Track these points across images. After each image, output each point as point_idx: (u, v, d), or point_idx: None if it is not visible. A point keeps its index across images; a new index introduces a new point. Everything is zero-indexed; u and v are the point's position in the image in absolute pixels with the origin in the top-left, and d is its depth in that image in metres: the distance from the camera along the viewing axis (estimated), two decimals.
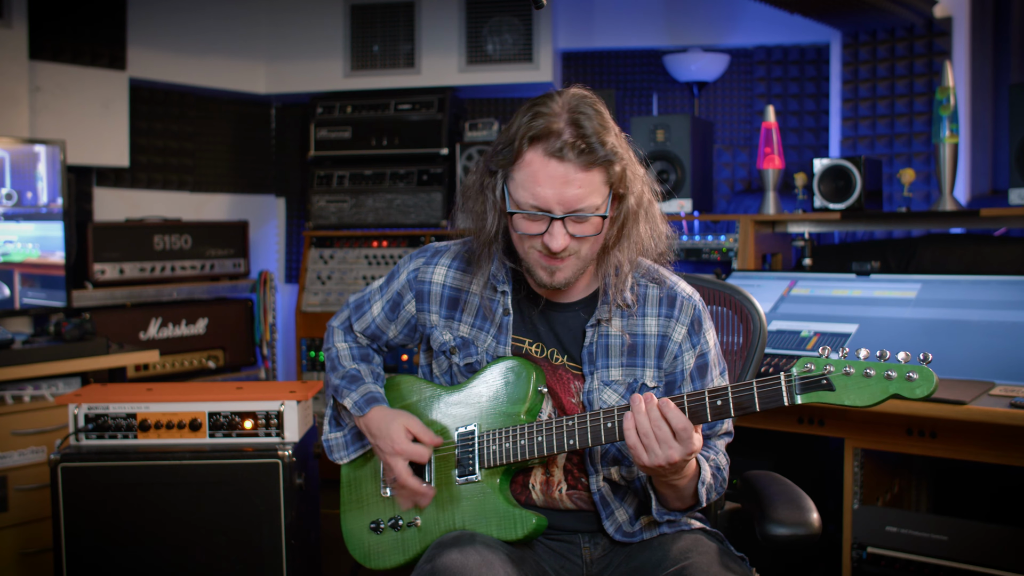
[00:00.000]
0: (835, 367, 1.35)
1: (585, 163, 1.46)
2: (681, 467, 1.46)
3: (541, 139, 1.47)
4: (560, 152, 1.45)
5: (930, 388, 1.30)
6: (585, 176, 1.47)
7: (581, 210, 1.48)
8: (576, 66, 4.33)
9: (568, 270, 1.55)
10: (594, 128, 1.47)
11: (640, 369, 1.63)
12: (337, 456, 1.78)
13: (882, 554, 2.45)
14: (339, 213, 4.26)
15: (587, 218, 1.50)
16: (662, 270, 1.69)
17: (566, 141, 1.45)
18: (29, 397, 2.95)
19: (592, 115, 1.48)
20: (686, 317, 1.64)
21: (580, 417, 1.53)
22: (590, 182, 1.48)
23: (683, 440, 1.42)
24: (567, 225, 1.49)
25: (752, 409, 1.40)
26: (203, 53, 4.29)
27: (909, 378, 1.31)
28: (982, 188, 3.54)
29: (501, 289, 1.67)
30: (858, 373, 1.34)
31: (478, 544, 1.49)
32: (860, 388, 1.34)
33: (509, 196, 1.53)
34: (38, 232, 3.23)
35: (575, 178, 1.47)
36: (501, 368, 1.63)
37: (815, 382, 1.37)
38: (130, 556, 2.26)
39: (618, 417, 1.50)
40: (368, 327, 1.81)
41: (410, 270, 1.75)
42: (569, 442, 1.53)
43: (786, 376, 1.38)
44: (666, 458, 1.42)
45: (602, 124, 1.49)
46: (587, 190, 1.48)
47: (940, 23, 3.42)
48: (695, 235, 3.44)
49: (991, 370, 2.35)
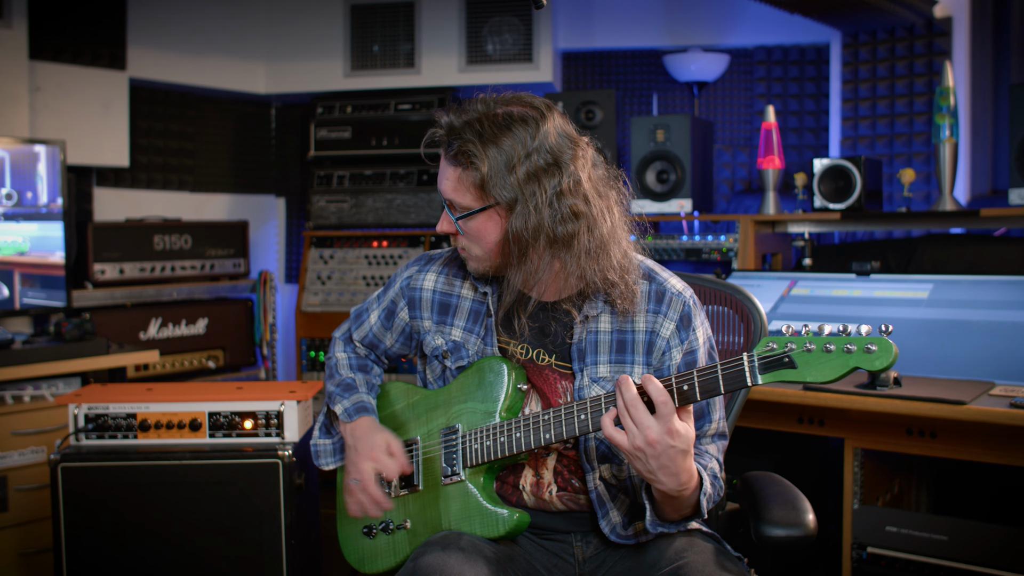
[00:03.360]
0: (796, 344, 1.36)
1: (446, 157, 1.55)
2: (666, 458, 1.40)
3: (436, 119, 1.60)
4: (435, 142, 1.57)
5: (888, 359, 1.30)
6: (451, 170, 1.55)
7: (450, 202, 1.57)
8: (576, 66, 4.33)
9: (471, 261, 1.62)
10: (470, 125, 1.52)
11: (629, 366, 1.62)
12: (323, 462, 1.80)
13: (882, 554, 2.45)
14: (339, 213, 4.26)
15: (451, 208, 1.57)
16: (654, 266, 1.69)
17: (442, 133, 1.55)
18: (29, 397, 2.95)
19: (490, 117, 1.52)
20: (675, 313, 1.63)
21: (555, 411, 1.53)
22: (455, 177, 1.55)
23: (661, 416, 1.38)
24: (453, 214, 1.57)
25: (718, 391, 1.40)
26: (203, 53, 4.29)
27: (868, 350, 1.31)
28: (982, 188, 3.54)
29: (483, 291, 1.67)
30: (819, 349, 1.34)
31: (462, 543, 1.50)
32: (821, 363, 1.34)
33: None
34: (38, 232, 3.23)
35: (445, 168, 1.56)
36: (481, 367, 1.64)
37: (777, 360, 1.37)
38: (130, 556, 2.26)
39: (591, 408, 1.49)
40: (366, 336, 1.83)
41: (403, 278, 1.77)
42: (544, 436, 1.53)
43: (748, 356, 1.38)
44: (644, 438, 1.38)
45: (487, 128, 1.51)
46: (453, 183, 1.55)
47: (940, 23, 3.42)
48: (695, 235, 3.44)
49: (991, 370, 2.35)
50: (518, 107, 1.54)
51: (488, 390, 1.63)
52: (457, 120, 1.53)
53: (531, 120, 1.51)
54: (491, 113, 1.52)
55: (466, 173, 1.52)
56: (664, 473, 1.41)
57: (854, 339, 1.33)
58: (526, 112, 1.52)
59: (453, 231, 1.60)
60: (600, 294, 1.61)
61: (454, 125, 1.53)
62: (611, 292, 1.59)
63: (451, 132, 1.53)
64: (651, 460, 1.40)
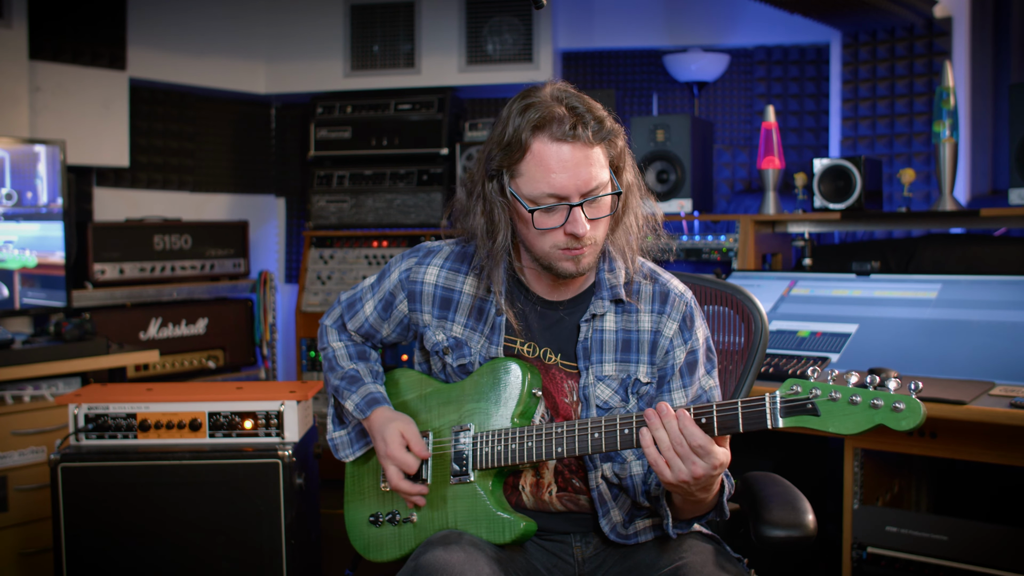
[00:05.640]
0: (822, 391, 1.33)
1: (591, 140, 1.49)
2: (706, 482, 1.42)
3: (544, 126, 1.49)
4: (568, 133, 1.47)
5: (916, 421, 1.27)
6: (592, 154, 1.50)
7: (595, 190, 1.50)
8: (576, 66, 4.33)
9: (590, 255, 1.56)
10: (587, 106, 1.50)
11: (634, 365, 1.62)
12: (343, 455, 1.78)
13: (882, 554, 2.45)
14: (339, 213, 4.26)
15: (599, 199, 1.52)
16: (656, 268, 1.70)
17: (570, 121, 1.48)
18: (29, 397, 2.95)
19: (580, 99, 1.52)
20: (678, 313, 1.64)
21: (569, 425, 1.53)
22: (597, 160, 1.51)
23: (703, 455, 1.39)
24: (585, 210, 1.51)
25: (736, 429, 1.39)
26: (203, 53, 4.29)
27: (896, 408, 1.28)
28: (982, 188, 3.54)
29: (493, 289, 1.66)
30: (844, 399, 1.32)
31: (464, 542, 1.50)
32: (845, 415, 1.31)
33: (519, 195, 1.53)
34: (38, 232, 3.23)
35: (584, 157, 1.49)
36: (496, 368, 1.63)
37: (800, 406, 1.35)
38: (130, 556, 2.26)
39: (606, 429, 1.49)
40: (361, 326, 1.81)
41: (402, 269, 1.74)
42: (557, 449, 1.53)
43: (771, 398, 1.37)
44: (690, 473, 1.39)
45: (591, 105, 1.52)
46: (597, 168, 1.50)
47: (940, 23, 3.42)
48: (695, 235, 3.44)
49: (991, 370, 2.35)
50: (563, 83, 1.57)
51: (502, 393, 1.62)
52: (572, 111, 1.50)
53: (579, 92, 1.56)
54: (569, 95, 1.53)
55: (604, 149, 1.53)
56: (702, 493, 1.45)
57: (882, 394, 1.30)
58: (573, 88, 1.56)
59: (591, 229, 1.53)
60: (607, 291, 1.62)
61: (580, 110, 1.50)
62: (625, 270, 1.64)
63: (582, 116, 1.50)
64: (696, 491, 1.43)
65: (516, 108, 1.52)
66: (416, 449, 1.64)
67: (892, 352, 2.51)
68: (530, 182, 1.51)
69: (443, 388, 1.71)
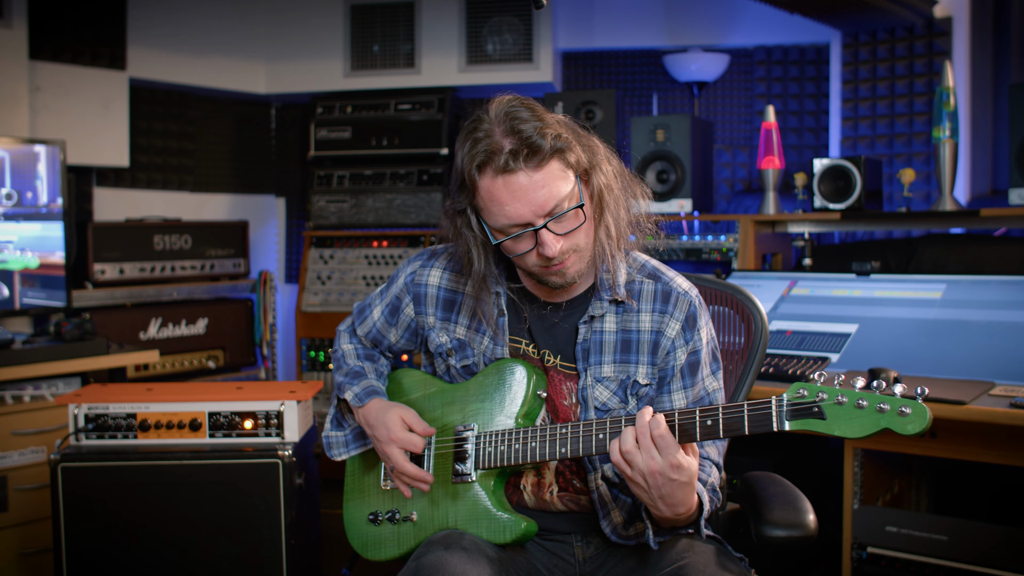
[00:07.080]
0: (828, 395, 1.33)
1: (536, 164, 1.45)
2: (668, 489, 1.40)
3: (488, 162, 1.46)
4: (508, 165, 1.44)
5: (922, 425, 1.28)
6: (543, 175, 1.46)
7: (556, 208, 1.47)
8: (576, 66, 4.33)
9: (574, 264, 1.54)
10: (533, 127, 1.46)
11: (633, 366, 1.62)
12: (336, 452, 1.79)
13: (882, 554, 2.45)
14: (339, 213, 4.26)
15: (565, 214, 1.49)
16: (660, 266, 1.69)
17: (510, 152, 1.44)
18: (29, 397, 2.95)
19: (526, 116, 1.47)
20: (680, 313, 1.62)
21: (573, 426, 1.53)
22: (553, 176, 1.47)
23: (662, 449, 1.38)
24: (552, 228, 1.48)
25: (741, 432, 1.38)
26: (203, 53, 4.29)
27: (902, 413, 1.29)
28: (982, 188, 3.54)
29: (495, 290, 1.66)
30: (850, 403, 1.32)
31: (464, 543, 1.50)
32: (851, 419, 1.32)
33: (487, 226, 1.53)
34: (38, 232, 3.23)
35: (534, 180, 1.45)
36: (501, 368, 1.63)
37: (806, 409, 1.35)
38: (130, 556, 2.26)
39: (611, 428, 1.49)
40: (370, 331, 1.82)
41: (407, 273, 1.75)
42: (560, 450, 1.53)
43: (777, 401, 1.37)
44: (647, 467, 1.38)
45: (538, 118, 1.48)
46: (553, 185, 1.46)
47: (940, 23, 3.42)
48: (695, 235, 3.44)
49: (991, 370, 2.35)
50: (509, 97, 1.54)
51: (507, 394, 1.62)
52: (514, 136, 1.47)
53: (528, 100, 1.53)
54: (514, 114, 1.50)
55: (556, 162, 1.48)
56: (664, 503, 1.43)
57: (888, 399, 1.30)
58: (520, 99, 1.53)
59: (567, 242, 1.51)
60: (606, 292, 1.61)
61: (523, 133, 1.46)
62: (619, 272, 1.62)
63: (522, 142, 1.46)
64: (652, 490, 1.41)
65: (463, 143, 1.51)
66: (419, 429, 1.64)
67: (892, 352, 2.51)
68: (490, 216, 1.50)
69: (447, 388, 1.71)
